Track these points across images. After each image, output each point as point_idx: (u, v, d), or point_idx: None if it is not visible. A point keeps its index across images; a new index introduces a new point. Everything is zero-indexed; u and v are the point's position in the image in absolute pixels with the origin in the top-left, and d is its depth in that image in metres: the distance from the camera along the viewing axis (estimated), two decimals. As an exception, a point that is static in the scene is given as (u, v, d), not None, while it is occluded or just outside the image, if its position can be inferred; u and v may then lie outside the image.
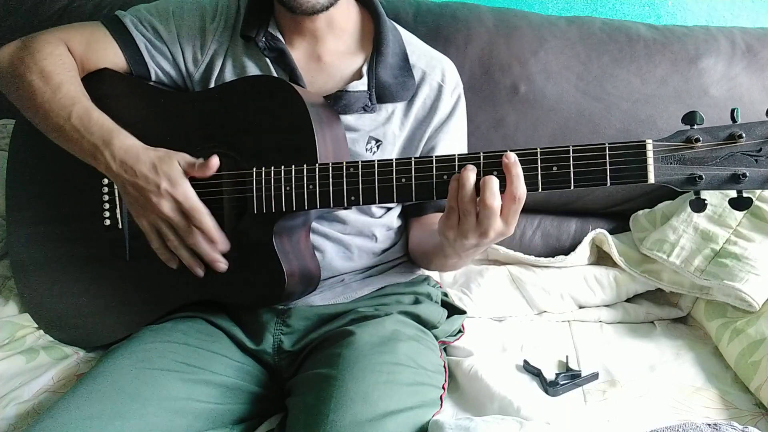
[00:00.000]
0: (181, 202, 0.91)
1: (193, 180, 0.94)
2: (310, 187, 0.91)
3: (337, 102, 1.02)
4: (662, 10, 1.59)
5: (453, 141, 1.11)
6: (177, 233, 0.94)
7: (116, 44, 1.05)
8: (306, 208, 0.91)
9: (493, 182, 0.79)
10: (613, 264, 1.37)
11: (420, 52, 1.12)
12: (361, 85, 1.04)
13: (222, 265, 0.95)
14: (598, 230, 1.41)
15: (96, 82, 1.05)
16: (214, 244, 0.94)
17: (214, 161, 0.93)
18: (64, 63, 1.01)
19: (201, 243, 0.94)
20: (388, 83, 1.05)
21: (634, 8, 1.59)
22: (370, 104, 1.04)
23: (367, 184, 0.88)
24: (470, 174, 0.81)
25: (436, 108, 1.09)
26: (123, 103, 1.05)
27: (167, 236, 0.94)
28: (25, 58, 1.01)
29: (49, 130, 0.99)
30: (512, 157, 0.80)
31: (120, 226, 1.04)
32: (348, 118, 1.04)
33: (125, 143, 0.93)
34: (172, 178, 0.91)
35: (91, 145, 0.94)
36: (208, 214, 0.93)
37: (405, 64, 1.08)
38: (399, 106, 1.07)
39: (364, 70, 1.06)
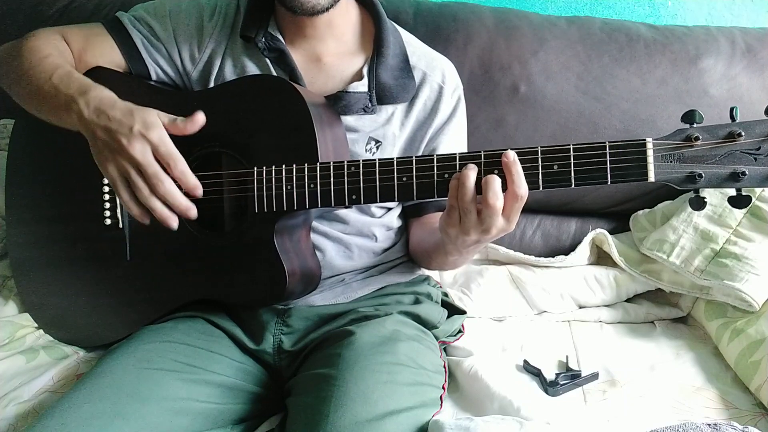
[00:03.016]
0: (156, 146, 0.85)
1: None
2: (311, 186, 0.91)
3: (337, 103, 1.02)
4: (662, 10, 1.59)
5: (454, 142, 1.11)
6: (147, 182, 0.86)
7: (114, 42, 1.06)
8: (307, 207, 0.91)
9: (495, 181, 0.79)
10: (613, 264, 1.37)
11: (420, 53, 1.12)
12: (362, 86, 1.04)
13: (193, 212, 0.88)
14: (598, 230, 1.41)
15: (95, 79, 1.04)
16: (191, 189, 0.88)
17: (200, 116, 0.87)
18: (57, 46, 1.01)
19: (174, 192, 0.87)
20: (388, 84, 1.05)
21: (634, 8, 1.60)
22: (370, 105, 1.04)
23: (368, 183, 0.88)
24: (470, 173, 0.81)
25: (437, 109, 1.09)
26: (123, 102, 1.05)
27: (137, 185, 0.86)
28: (19, 42, 1.02)
29: (30, 96, 0.97)
30: (511, 156, 0.80)
31: (120, 226, 1.04)
32: (348, 119, 1.04)
33: (102, 93, 0.89)
34: (147, 122, 0.85)
35: (66, 97, 0.90)
36: (183, 160, 0.87)
37: (405, 66, 1.08)
38: (399, 108, 1.08)
39: (365, 71, 1.06)
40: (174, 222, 0.89)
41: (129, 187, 0.87)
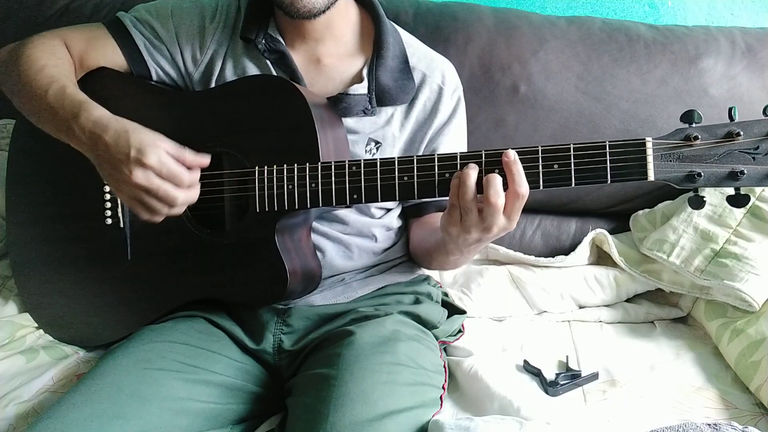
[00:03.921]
0: (158, 170, 0.86)
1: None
2: (313, 185, 0.91)
3: (337, 105, 1.02)
4: (662, 10, 1.59)
5: (454, 143, 1.11)
6: (162, 201, 0.88)
7: (115, 43, 1.06)
8: (308, 206, 0.91)
9: (497, 180, 0.80)
10: (613, 264, 1.37)
11: (420, 54, 1.12)
12: (362, 88, 1.04)
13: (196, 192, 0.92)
14: (598, 230, 1.41)
15: (97, 81, 1.05)
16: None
17: (207, 159, 0.91)
18: (54, 53, 1.01)
19: (190, 200, 0.90)
20: (388, 86, 1.05)
21: (634, 8, 1.60)
22: (370, 107, 1.04)
23: (369, 182, 0.89)
24: (471, 172, 0.81)
25: (437, 110, 1.09)
26: (124, 103, 1.05)
27: (153, 207, 0.89)
28: (18, 49, 1.02)
29: (31, 113, 0.98)
30: (511, 155, 0.81)
31: (121, 225, 1.04)
32: (348, 121, 1.04)
33: (93, 114, 0.89)
34: (142, 146, 0.85)
35: (63, 121, 0.92)
36: (185, 171, 0.89)
37: (405, 67, 1.08)
38: (399, 109, 1.08)
39: (365, 73, 1.06)
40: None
41: (146, 207, 0.89)
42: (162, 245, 1.01)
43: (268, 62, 1.05)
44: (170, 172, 0.87)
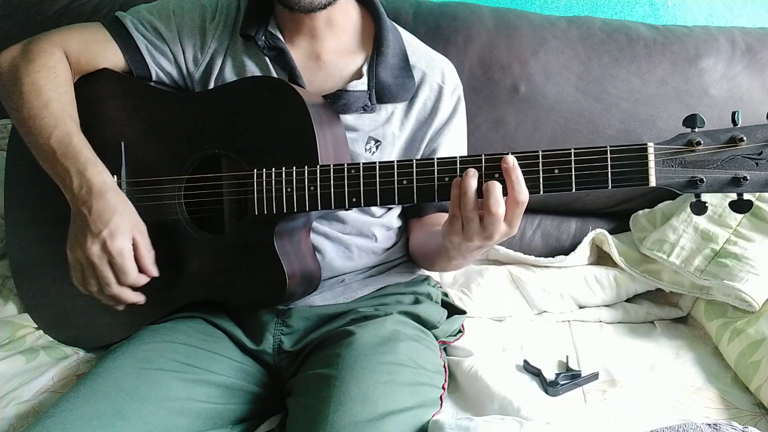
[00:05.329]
0: (113, 257, 0.91)
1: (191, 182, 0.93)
2: (311, 188, 0.91)
3: (337, 101, 1.02)
4: (662, 10, 1.59)
5: (454, 143, 1.11)
6: (98, 279, 0.93)
7: (116, 45, 1.05)
8: (307, 209, 0.91)
9: (497, 188, 0.79)
10: (613, 264, 1.37)
11: (420, 53, 1.12)
12: (361, 84, 1.04)
13: (135, 298, 0.95)
14: (598, 230, 1.41)
15: (96, 83, 1.05)
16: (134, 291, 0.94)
17: (155, 271, 0.94)
18: (57, 77, 1.00)
19: (120, 297, 0.94)
20: (388, 83, 1.05)
21: (634, 8, 1.60)
22: (369, 104, 1.04)
23: (368, 186, 0.88)
24: (471, 181, 0.81)
25: (437, 109, 1.09)
26: (123, 104, 1.05)
27: (86, 278, 0.94)
28: (21, 66, 1.00)
29: (30, 144, 0.99)
30: (510, 162, 0.80)
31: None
32: (347, 118, 1.04)
33: (97, 178, 0.93)
34: (115, 232, 0.91)
35: (63, 169, 0.94)
36: (135, 271, 0.93)
37: (405, 65, 1.08)
38: (399, 107, 1.07)
39: (364, 69, 1.06)
40: (120, 307, 0.97)
41: (82, 275, 0.94)
42: (161, 247, 1.01)
43: (267, 59, 1.05)
44: (121, 266, 0.91)
